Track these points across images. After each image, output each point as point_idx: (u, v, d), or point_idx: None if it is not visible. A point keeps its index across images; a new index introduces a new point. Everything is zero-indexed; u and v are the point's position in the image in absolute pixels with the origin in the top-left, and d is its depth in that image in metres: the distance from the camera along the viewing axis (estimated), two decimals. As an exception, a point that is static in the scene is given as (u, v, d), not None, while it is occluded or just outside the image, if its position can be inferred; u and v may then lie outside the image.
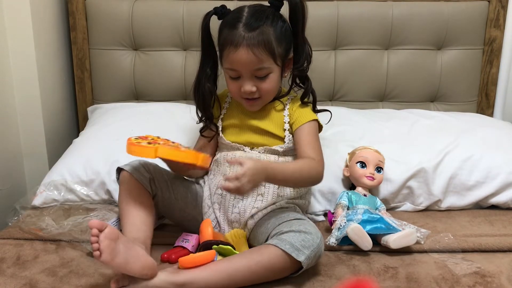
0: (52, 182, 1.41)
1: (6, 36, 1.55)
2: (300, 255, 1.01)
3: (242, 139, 1.28)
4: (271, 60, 1.18)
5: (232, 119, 1.31)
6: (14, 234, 1.24)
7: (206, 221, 1.17)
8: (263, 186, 1.23)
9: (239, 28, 1.15)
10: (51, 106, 1.71)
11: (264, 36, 1.15)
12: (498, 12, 1.73)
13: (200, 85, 1.28)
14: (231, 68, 1.20)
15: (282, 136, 1.27)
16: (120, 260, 0.94)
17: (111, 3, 1.73)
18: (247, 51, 1.15)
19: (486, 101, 1.82)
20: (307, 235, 1.04)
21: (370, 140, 1.48)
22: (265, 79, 1.20)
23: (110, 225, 0.94)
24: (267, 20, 1.17)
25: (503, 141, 1.53)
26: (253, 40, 1.14)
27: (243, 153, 1.26)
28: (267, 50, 1.16)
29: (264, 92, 1.22)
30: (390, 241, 1.15)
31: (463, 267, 1.11)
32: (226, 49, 1.18)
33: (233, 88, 1.23)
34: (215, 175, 1.28)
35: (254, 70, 1.18)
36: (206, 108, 1.30)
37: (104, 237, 0.92)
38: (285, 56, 1.22)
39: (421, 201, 1.43)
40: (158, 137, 1.19)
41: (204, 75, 1.27)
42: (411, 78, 1.77)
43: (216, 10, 1.23)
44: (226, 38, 1.18)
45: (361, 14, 1.73)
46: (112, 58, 1.76)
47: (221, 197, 1.23)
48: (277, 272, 1.03)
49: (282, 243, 1.02)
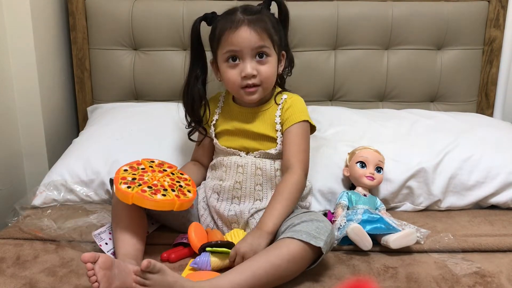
0: (52, 182, 1.41)
1: (6, 36, 1.55)
2: (319, 241, 1.02)
3: (237, 144, 1.28)
4: (270, 43, 1.21)
5: (226, 124, 1.31)
6: (14, 234, 1.24)
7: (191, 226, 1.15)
8: (260, 191, 1.23)
9: (238, 14, 1.20)
10: (51, 106, 1.71)
11: (263, 20, 1.20)
12: (498, 12, 1.73)
13: (189, 87, 1.29)
14: (231, 50, 1.20)
15: (275, 137, 1.26)
16: (117, 284, 0.97)
17: (111, 3, 1.73)
18: (248, 29, 1.18)
19: (486, 101, 1.81)
20: (319, 223, 1.05)
21: (370, 140, 1.48)
22: (265, 62, 1.21)
23: (102, 255, 0.96)
24: (263, 10, 1.23)
25: (503, 141, 1.53)
26: (253, 20, 1.19)
27: (238, 158, 1.26)
28: (266, 32, 1.20)
29: (263, 77, 1.22)
30: (390, 241, 1.15)
31: (463, 267, 1.11)
32: (225, 34, 1.20)
33: (232, 76, 1.22)
34: (211, 179, 1.29)
35: (255, 48, 1.19)
36: (195, 111, 1.31)
37: (99, 268, 0.94)
38: (280, 47, 1.25)
39: (421, 201, 1.43)
40: (153, 162, 1.15)
41: (194, 77, 1.29)
42: (411, 78, 1.77)
43: (206, 16, 1.26)
44: (224, 25, 1.21)
45: (361, 14, 1.73)
46: (112, 58, 1.76)
47: (216, 201, 1.24)
48: (298, 263, 1.02)
49: (297, 234, 1.02)
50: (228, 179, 1.24)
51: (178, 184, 1.11)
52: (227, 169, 1.25)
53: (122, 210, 1.15)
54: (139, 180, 1.05)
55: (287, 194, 1.16)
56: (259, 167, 1.24)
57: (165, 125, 1.56)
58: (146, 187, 1.02)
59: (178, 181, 1.12)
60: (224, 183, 1.24)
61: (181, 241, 1.18)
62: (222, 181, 1.25)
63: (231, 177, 1.24)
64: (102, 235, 1.19)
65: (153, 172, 1.10)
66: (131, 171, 1.08)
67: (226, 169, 1.25)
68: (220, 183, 1.24)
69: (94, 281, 0.93)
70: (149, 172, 1.09)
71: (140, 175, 1.07)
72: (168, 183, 1.08)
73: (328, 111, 1.65)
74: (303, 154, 1.23)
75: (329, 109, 1.71)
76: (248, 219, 1.21)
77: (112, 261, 0.97)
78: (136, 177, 1.06)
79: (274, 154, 1.26)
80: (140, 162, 1.13)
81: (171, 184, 1.08)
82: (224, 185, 1.23)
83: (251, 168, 1.24)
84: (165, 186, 1.06)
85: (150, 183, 1.05)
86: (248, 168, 1.24)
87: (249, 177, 1.23)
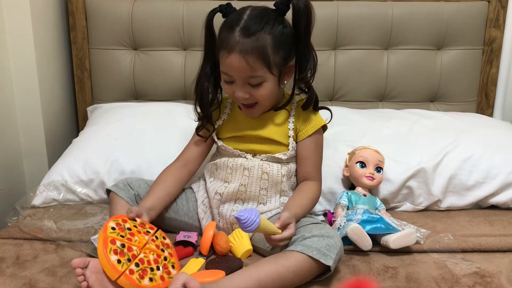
0: (52, 182, 1.41)
1: (6, 36, 1.55)
2: (328, 260, 1.02)
3: (244, 146, 1.26)
4: (265, 69, 1.13)
5: (234, 125, 1.28)
6: (14, 234, 1.24)
7: (210, 224, 1.19)
8: (264, 195, 1.23)
9: (235, 32, 1.11)
10: (51, 106, 1.71)
11: (259, 44, 1.10)
12: (498, 12, 1.73)
13: (199, 83, 1.25)
14: (224, 72, 1.17)
15: (286, 143, 1.25)
16: (111, 287, 0.96)
17: (111, 3, 1.73)
18: (239, 58, 1.11)
19: (485, 101, 1.82)
20: (330, 239, 1.05)
21: (370, 140, 1.48)
22: (259, 87, 1.16)
23: (92, 259, 0.97)
24: (266, 25, 1.12)
25: (502, 141, 1.52)
26: (246, 46, 1.10)
27: (244, 160, 1.24)
28: (260, 59, 1.11)
29: (259, 98, 1.18)
30: (390, 241, 1.15)
31: (462, 267, 1.11)
32: (221, 52, 1.15)
33: (228, 92, 1.22)
34: (214, 178, 1.27)
35: (246, 77, 1.14)
36: (203, 107, 1.27)
37: (90, 273, 0.95)
38: (282, 65, 1.16)
39: (420, 201, 1.43)
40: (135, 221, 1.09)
41: (204, 74, 1.24)
42: (411, 78, 1.77)
43: (221, 8, 1.19)
44: (222, 40, 1.14)
45: (361, 14, 1.73)
46: (112, 58, 1.76)
47: (219, 202, 1.23)
48: (304, 276, 1.03)
49: (308, 250, 1.02)
50: (233, 181, 1.23)
51: (163, 255, 1.06)
52: (233, 171, 1.24)
53: (121, 209, 1.17)
54: (128, 250, 1.00)
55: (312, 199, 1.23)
56: (266, 172, 1.22)
57: (165, 125, 1.56)
58: (134, 264, 0.98)
59: (162, 249, 1.07)
60: (229, 185, 1.23)
61: (182, 240, 1.19)
62: (227, 183, 1.24)
63: (236, 180, 1.23)
64: None
65: (139, 233, 1.06)
66: (119, 231, 1.03)
67: (232, 171, 1.24)
68: (225, 185, 1.23)
69: (85, 287, 0.94)
70: (136, 235, 1.04)
71: (128, 239, 1.02)
72: (153, 256, 1.04)
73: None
74: (320, 166, 1.28)
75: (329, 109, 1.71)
76: None
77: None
78: (124, 242, 1.01)
79: (283, 159, 1.24)
80: (125, 219, 1.07)
81: (156, 259, 1.03)
82: (229, 187, 1.22)
83: (257, 172, 1.22)
84: (151, 263, 1.02)
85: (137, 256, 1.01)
86: (254, 171, 1.22)
87: (255, 181, 1.22)
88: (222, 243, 1.15)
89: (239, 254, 1.15)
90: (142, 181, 1.30)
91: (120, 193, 1.24)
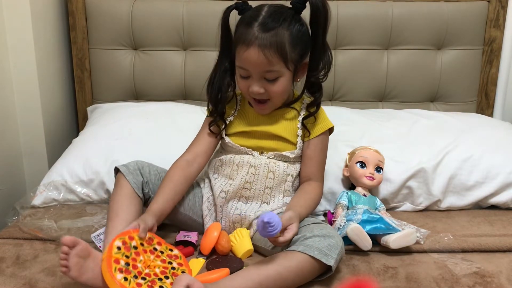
0: (52, 182, 1.41)
1: (6, 36, 1.55)
2: (330, 260, 1.02)
3: (251, 143, 1.25)
4: (282, 64, 1.14)
5: (243, 122, 1.28)
6: (14, 234, 1.24)
7: (214, 225, 1.18)
8: (268, 195, 1.23)
9: (254, 27, 1.12)
10: (51, 105, 1.71)
11: (278, 39, 1.12)
12: (498, 12, 1.73)
13: (216, 79, 1.24)
14: (241, 67, 1.18)
15: (294, 142, 1.25)
16: (89, 276, 0.97)
17: (111, 3, 1.73)
18: (257, 52, 1.12)
19: (485, 101, 1.82)
20: (331, 239, 1.05)
21: (370, 140, 1.48)
22: (275, 82, 1.17)
23: (82, 242, 0.97)
24: (284, 22, 1.13)
25: (502, 141, 1.53)
26: (265, 41, 1.11)
27: (251, 158, 1.23)
28: (278, 53, 1.12)
29: (273, 94, 1.19)
30: (390, 241, 1.15)
31: (462, 267, 1.11)
32: (239, 47, 1.16)
33: (243, 87, 1.22)
34: (219, 175, 1.26)
35: (263, 71, 1.15)
36: (219, 103, 1.25)
37: (74, 254, 0.95)
38: (298, 61, 1.18)
39: (420, 201, 1.43)
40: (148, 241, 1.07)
41: (223, 69, 1.23)
42: (411, 78, 1.77)
43: (237, 5, 1.19)
44: (240, 35, 1.15)
45: (361, 14, 1.73)
46: (112, 58, 1.76)
47: (224, 200, 1.23)
48: (305, 277, 1.03)
49: (309, 250, 1.02)
50: (238, 177, 1.22)
51: (170, 266, 1.05)
52: (239, 168, 1.23)
53: (122, 204, 1.15)
54: (133, 268, 1.00)
55: (311, 199, 1.22)
56: (272, 171, 1.22)
57: (165, 125, 1.56)
58: (141, 278, 0.98)
59: (169, 262, 1.06)
60: (233, 182, 1.22)
61: (183, 240, 1.19)
62: (231, 179, 1.23)
63: (241, 176, 1.22)
64: (101, 236, 1.19)
65: (145, 253, 1.05)
66: (124, 251, 1.01)
67: (238, 168, 1.23)
68: (229, 182, 1.23)
69: (64, 265, 0.95)
70: (141, 255, 1.04)
71: (133, 258, 1.02)
72: (159, 269, 1.03)
73: (328, 111, 1.64)
74: (324, 167, 1.28)
75: (329, 109, 1.70)
76: (253, 221, 1.21)
77: (90, 253, 0.98)
78: (129, 261, 1.01)
79: (290, 157, 1.24)
80: (132, 236, 1.05)
81: (163, 270, 1.03)
82: (233, 184, 1.22)
83: (264, 170, 1.22)
84: (158, 275, 1.01)
85: (143, 273, 1.00)
86: (260, 169, 1.22)
87: (260, 179, 1.22)
88: (223, 243, 1.15)
89: (240, 254, 1.15)
90: (153, 168, 1.26)
91: (128, 176, 1.19)
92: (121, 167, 1.22)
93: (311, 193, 1.22)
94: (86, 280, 0.97)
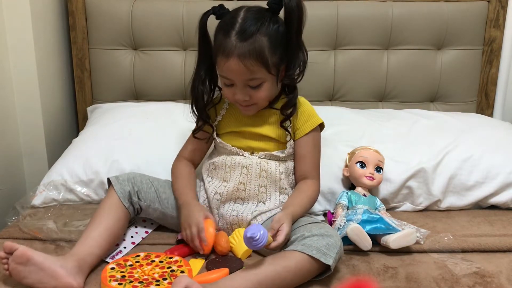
0: (52, 182, 1.41)
1: (6, 36, 1.55)
2: (328, 259, 1.02)
3: (242, 144, 1.26)
4: (264, 71, 1.14)
5: (232, 123, 1.28)
6: (14, 234, 1.24)
7: (207, 221, 1.16)
8: (263, 193, 1.23)
9: (231, 37, 1.11)
10: (51, 105, 1.71)
11: (257, 45, 1.11)
12: (498, 12, 1.73)
13: (193, 87, 1.25)
14: (224, 76, 1.18)
15: (284, 141, 1.25)
16: (30, 281, 0.99)
17: (111, 3, 1.73)
18: (238, 63, 1.11)
19: (485, 101, 1.82)
20: (330, 238, 1.05)
21: (370, 140, 1.48)
22: (259, 88, 1.17)
23: (20, 248, 0.99)
24: (261, 27, 1.12)
25: (502, 141, 1.53)
26: (243, 50, 1.10)
27: (242, 158, 1.24)
28: (259, 61, 1.12)
29: (258, 99, 1.20)
30: (390, 241, 1.15)
31: (462, 267, 1.11)
32: (219, 58, 1.15)
33: (227, 94, 1.22)
34: (213, 178, 1.27)
35: (246, 80, 1.15)
36: (199, 110, 1.27)
37: (11, 261, 0.99)
38: (280, 64, 1.17)
39: (420, 201, 1.43)
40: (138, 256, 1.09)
41: (198, 78, 1.24)
42: (411, 78, 1.77)
43: (214, 10, 1.19)
44: (219, 46, 1.14)
45: (361, 14, 1.73)
46: (111, 58, 1.76)
47: (219, 202, 1.23)
48: (304, 276, 1.03)
49: (308, 249, 1.02)
50: (232, 179, 1.23)
51: (169, 270, 1.05)
52: (231, 169, 1.23)
53: (103, 211, 1.17)
54: (129, 277, 1.00)
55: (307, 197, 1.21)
56: (264, 169, 1.22)
57: (164, 125, 1.56)
58: (137, 282, 0.98)
59: (169, 267, 1.06)
60: (228, 184, 1.23)
61: (182, 239, 1.18)
62: (226, 182, 1.24)
63: (234, 178, 1.22)
64: None
65: (141, 266, 1.05)
66: (119, 269, 1.03)
67: (231, 170, 1.24)
68: (224, 184, 1.23)
69: (6, 270, 1.00)
70: (137, 268, 1.04)
71: (129, 272, 1.03)
72: (158, 273, 1.03)
73: (328, 111, 1.65)
74: (319, 164, 1.27)
75: (329, 109, 1.71)
76: (251, 221, 1.21)
77: (29, 258, 0.98)
78: (125, 274, 1.01)
79: (281, 157, 1.24)
80: (126, 258, 1.07)
81: (162, 274, 1.03)
82: (228, 186, 1.22)
83: (256, 170, 1.22)
84: (156, 278, 1.02)
85: (140, 279, 1.01)
86: (252, 169, 1.22)
87: (254, 179, 1.22)
88: (222, 243, 1.15)
89: (239, 254, 1.15)
90: (145, 178, 1.27)
91: (116, 186, 1.21)
92: (111, 177, 1.24)
93: (307, 191, 1.22)
94: (32, 284, 0.99)
